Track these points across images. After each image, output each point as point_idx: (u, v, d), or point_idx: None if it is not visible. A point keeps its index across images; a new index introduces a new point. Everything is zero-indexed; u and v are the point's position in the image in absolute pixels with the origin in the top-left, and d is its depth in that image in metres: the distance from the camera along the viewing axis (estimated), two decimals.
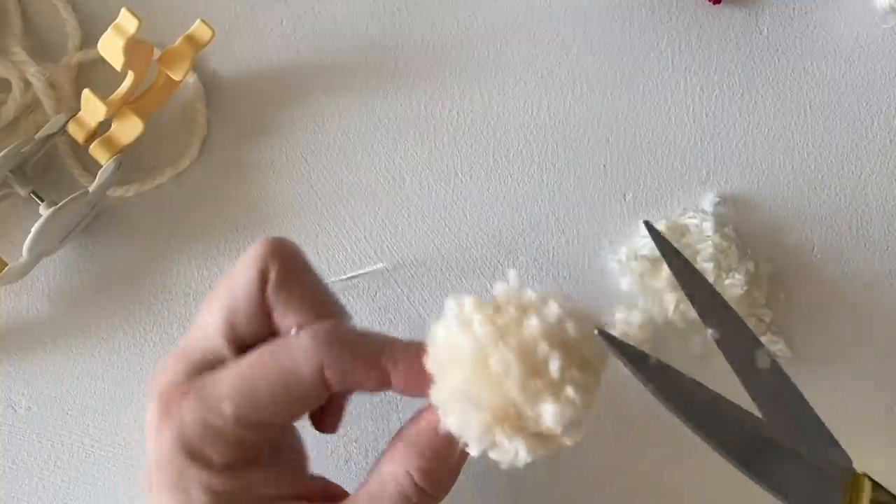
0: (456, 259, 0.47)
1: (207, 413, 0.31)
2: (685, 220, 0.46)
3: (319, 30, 0.49)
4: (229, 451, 0.32)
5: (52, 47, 0.48)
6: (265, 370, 0.32)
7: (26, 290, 0.46)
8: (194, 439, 0.31)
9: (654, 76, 0.49)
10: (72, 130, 0.46)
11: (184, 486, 0.31)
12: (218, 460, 0.31)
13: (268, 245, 0.34)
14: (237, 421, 0.31)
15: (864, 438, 0.46)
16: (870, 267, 0.47)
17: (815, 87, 0.49)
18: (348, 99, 0.48)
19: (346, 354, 0.32)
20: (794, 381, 0.46)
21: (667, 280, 0.45)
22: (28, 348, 0.46)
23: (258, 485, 0.32)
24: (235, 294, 0.34)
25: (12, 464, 0.45)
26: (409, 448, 0.33)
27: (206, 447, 0.31)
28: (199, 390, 0.32)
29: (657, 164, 0.48)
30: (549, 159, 0.48)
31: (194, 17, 0.45)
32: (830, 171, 0.48)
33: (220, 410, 0.31)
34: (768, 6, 0.49)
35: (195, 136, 0.48)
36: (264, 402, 0.32)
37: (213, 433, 0.31)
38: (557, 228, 0.47)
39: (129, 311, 0.46)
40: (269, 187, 0.48)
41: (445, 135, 0.48)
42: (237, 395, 0.31)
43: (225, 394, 0.31)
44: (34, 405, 0.46)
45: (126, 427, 0.45)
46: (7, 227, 0.47)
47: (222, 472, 0.31)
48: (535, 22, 0.49)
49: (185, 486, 0.31)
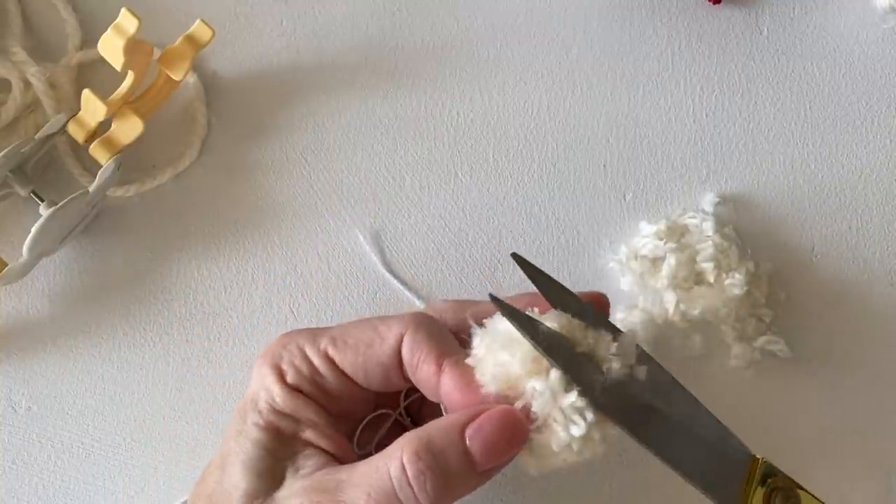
0: (456, 259, 0.47)
1: (308, 343, 0.37)
2: (685, 220, 0.46)
3: (319, 30, 0.49)
4: (304, 377, 0.36)
5: (52, 47, 0.48)
6: (365, 324, 0.37)
7: (26, 290, 0.46)
8: (285, 358, 0.37)
9: (654, 76, 0.49)
10: (72, 130, 0.46)
11: (256, 395, 0.36)
12: (290, 379, 0.36)
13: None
14: (326, 357, 0.36)
15: (864, 438, 0.46)
16: (870, 267, 0.47)
17: (815, 87, 0.49)
18: (348, 99, 0.48)
19: (423, 337, 0.35)
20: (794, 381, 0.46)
21: (667, 280, 0.45)
22: (28, 348, 0.46)
23: (305, 422, 0.36)
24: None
25: (12, 464, 0.45)
26: (414, 439, 0.33)
27: (288, 367, 0.36)
28: (314, 330, 0.37)
29: (657, 164, 0.48)
30: (549, 159, 0.48)
31: (194, 17, 0.45)
32: (830, 171, 0.48)
33: (320, 345, 0.36)
34: (768, 6, 0.50)
35: (195, 136, 0.48)
36: (351, 347, 0.36)
37: (302, 359, 0.36)
38: (557, 228, 0.47)
39: (129, 311, 0.46)
40: (269, 187, 0.48)
41: (445, 135, 0.48)
42: (336, 336, 0.37)
43: (329, 334, 0.37)
44: (34, 405, 0.46)
45: (126, 427, 0.45)
46: (7, 227, 0.47)
47: (287, 390, 0.36)
48: (535, 22, 0.49)
49: (256, 395, 0.36)
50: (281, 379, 0.36)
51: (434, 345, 0.35)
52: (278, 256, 0.47)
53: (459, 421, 0.33)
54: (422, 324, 0.36)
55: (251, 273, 0.47)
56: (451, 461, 0.33)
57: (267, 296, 0.47)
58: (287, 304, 0.46)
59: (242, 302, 0.47)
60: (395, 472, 0.33)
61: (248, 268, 0.47)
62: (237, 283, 0.47)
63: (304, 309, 0.46)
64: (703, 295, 0.45)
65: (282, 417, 0.36)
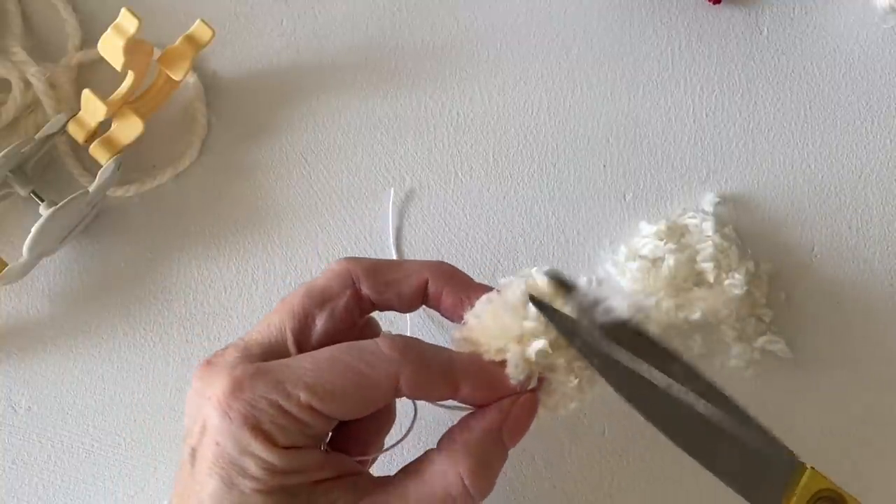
0: (456, 259, 0.47)
1: (281, 397, 0.33)
2: (685, 220, 0.46)
3: (319, 30, 0.49)
4: (295, 434, 0.33)
5: (52, 47, 0.48)
6: (344, 369, 0.34)
7: (26, 290, 0.46)
8: (264, 418, 0.33)
9: (654, 76, 0.49)
10: (72, 130, 0.46)
11: (241, 462, 0.33)
12: (283, 441, 0.33)
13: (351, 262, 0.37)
14: (310, 409, 0.33)
15: (864, 438, 0.46)
16: (870, 267, 0.47)
17: (815, 87, 0.49)
18: (348, 99, 0.48)
19: (422, 367, 0.34)
20: (794, 381, 0.46)
21: (667, 280, 0.45)
22: (28, 348, 0.46)
23: (314, 468, 0.34)
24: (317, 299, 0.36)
25: (12, 464, 0.45)
26: (464, 451, 0.35)
27: (273, 428, 0.33)
28: (274, 373, 0.33)
29: (657, 164, 0.48)
30: (549, 159, 0.48)
31: (194, 17, 0.45)
32: (830, 171, 0.48)
33: (295, 396, 0.33)
34: (768, 6, 0.50)
35: (195, 136, 0.48)
36: (338, 397, 0.33)
37: (284, 416, 0.33)
38: (557, 228, 0.47)
39: (129, 311, 0.46)
40: (269, 187, 0.48)
41: (445, 135, 0.48)
42: (314, 385, 0.33)
43: (302, 382, 0.33)
44: (34, 405, 0.46)
45: (126, 427, 0.45)
46: (7, 227, 0.47)
47: (284, 451, 0.33)
48: (535, 22, 0.49)
49: (242, 462, 0.33)
50: (269, 441, 0.33)
51: (434, 367, 0.34)
52: (278, 256, 0.47)
53: (496, 423, 0.35)
54: (410, 355, 0.34)
55: (251, 273, 0.47)
56: (496, 463, 0.35)
57: (267, 296, 0.47)
58: None
59: (242, 302, 0.47)
60: (456, 489, 0.34)
61: (248, 268, 0.47)
62: (237, 283, 0.47)
63: None
64: (703, 295, 0.45)
65: (286, 476, 0.33)
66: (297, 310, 0.36)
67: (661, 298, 0.45)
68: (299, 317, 0.36)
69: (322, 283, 0.37)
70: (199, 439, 0.33)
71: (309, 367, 0.33)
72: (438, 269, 0.38)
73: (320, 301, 0.36)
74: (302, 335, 0.36)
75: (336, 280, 0.37)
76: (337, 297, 0.36)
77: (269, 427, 0.33)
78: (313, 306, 0.36)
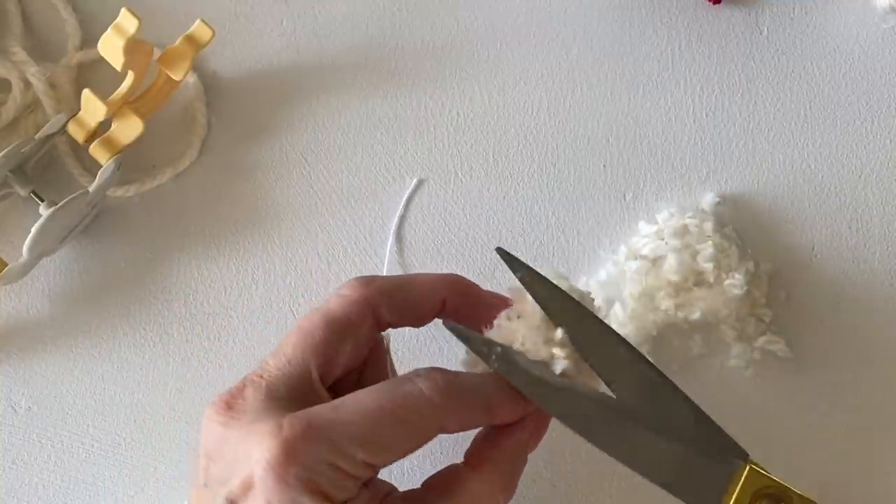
0: (456, 259, 0.47)
1: (337, 457, 0.32)
2: (685, 220, 0.46)
3: (319, 30, 0.49)
4: (350, 487, 0.33)
5: (52, 47, 0.48)
6: (394, 421, 0.33)
7: (26, 290, 0.46)
8: (322, 480, 0.32)
9: (654, 76, 0.49)
10: (72, 130, 0.46)
11: None
12: (340, 497, 0.32)
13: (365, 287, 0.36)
14: (366, 465, 0.33)
15: (865, 439, 0.46)
16: (870, 267, 0.47)
17: (815, 87, 0.49)
18: (348, 99, 0.48)
19: (465, 406, 0.35)
20: (794, 381, 0.46)
21: (666, 280, 0.45)
22: (28, 348, 0.46)
23: None
24: (338, 331, 0.35)
25: (12, 464, 0.45)
26: (498, 471, 0.36)
27: (332, 487, 0.32)
28: (327, 432, 0.32)
29: (657, 164, 0.48)
30: (549, 159, 0.48)
31: (194, 17, 0.45)
32: (830, 171, 0.48)
33: (352, 456, 0.32)
34: (768, 6, 0.49)
35: (195, 136, 0.48)
36: (391, 450, 0.33)
37: (340, 474, 0.32)
38: (557, 228, 0.47)
39: (129, 311, 0.46)
40: (269, 187, 0.48)
41: (445, 135, 0.48)
42: (369, 443, 0.33)
43: (356, 440, 0.32)
44: (34, 405, 0.46)
45: (126, 427, 0.45)
46: (7, 227, 0.47)
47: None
48: (535, 22, 0.49)
49: None
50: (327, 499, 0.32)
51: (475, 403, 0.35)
52: (278, 256, 0.47)
53: (525, 439, 0.37)
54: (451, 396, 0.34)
55: (251, 273, 0.47)
56: (520, 475, 0.37)
57: (267, 296, 0.47)
58: (287, 304, 0.46)
59: (242, 302, 0.47)
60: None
61: (248, 268, 0.47)
62: (237, 283, 0.47)
63: (303, 309, 0.46)
64: (702, 295, 0.45)
65: None
66: (320, 345, 0.35)
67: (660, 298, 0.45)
68: (322, 352, 0.35)
69: (341, 313, 0.36)
70: (243, 494, 0.32)
71: (359, 422, 0.33)
72: (454, 287, 0.38)
73: (341, 333, 0.36)
74: (326, 371, 0.35)
75: (355, 308, 0.36)
76: (358, 327, 0.36)
77: (327, 487, 0.32)
78: (336, 340, 0.35)
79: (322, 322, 0.35)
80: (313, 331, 0.35)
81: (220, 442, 0.33)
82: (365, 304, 0.36)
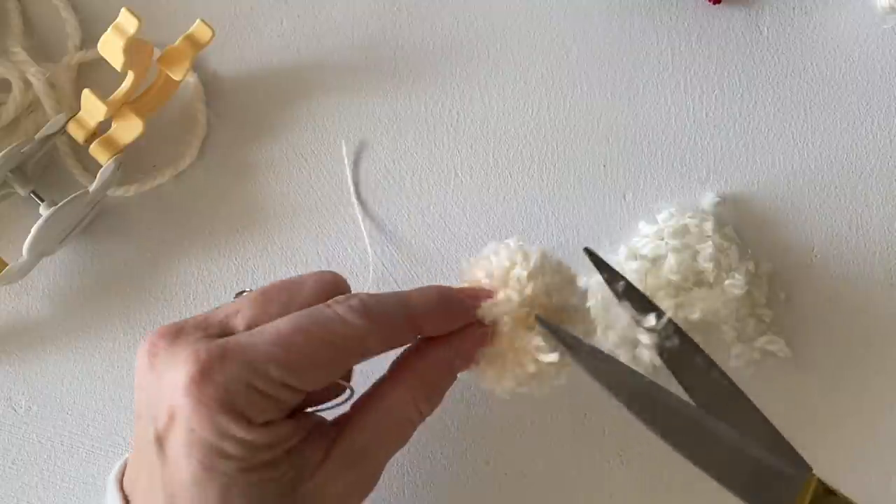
0: (456, 259, 0.47)
1: (253, 376, 0.32)
2: (685, 220, 0.46)
3: (319, 30, 0.49)
4: (271, 410, 0.33)
5: (52, 47, 0.48)
6: (308, 339, 0.33)
7: (26, 290, 0.46)
8: (239, 400, 0.32)
9: (654, 76, 0.49)
10: (72, 130, 0.46)
11: (220, 445, 0.32)
12: (260, 419, 0.33)
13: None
14: (283, 386, 0.33)
15: (864, 438, 0.46)
16: (870, 267, 0.47)
17: (815, 87, 0.49)
18: (348, 99, 0.48)
19: (387, 326, 0.35)
20: (795, 381, 0.46)
21: (666, 280, 0.45)
22: (28, 348, 0.46)
23: (289, 436, 0.34)
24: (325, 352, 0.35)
25: (12, 464, 0.45)
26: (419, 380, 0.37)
27: (250, 408, 0.33)
28: (243, 352, 0.33)
29: (657, 165, 0.48)
30: (549, 159, 0.48)
31: (194, 17, 0.45)
32: (830, 171, 0.48)
33: (266, 374, 0.33)
34: (768, 6, 0.49)
35: (195, 136, 0.48)
36: (310, 371, 0.34)
37: (259, 395, 0.33)
38: (557, 228, 0.47)
39: (129, 311, 0.46)
40: (269, 187, 0.48)
41: (445, 135, 0.48)
42: (285, 362, 0.33)
43: (272, 359, 0.33)
44: (34, 405, 0.46)
45: (126, 427, 0.45)
46: (7, 227, 0.47)
47: (261, 428, 0.33)
48: (535, 22, 0.49)
49: (221, 445, 0.32)
50: (247, 421, 0.32)
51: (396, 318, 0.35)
52: (278, 256, 0.47)
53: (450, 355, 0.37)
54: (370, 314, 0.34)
55: (251, 273, 0.47)
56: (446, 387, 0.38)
57: None
58: None
59: None
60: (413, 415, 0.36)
61: (248, 268, 0.47)
62: (237, 283, 0.47)
63: None
64: (702, 295, 0.45)
65: (267, 450, 0.33)
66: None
67: (661, 298, 0.45)
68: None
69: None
70: (168, 426, 0.33)
71: (275, 342, 0.33)
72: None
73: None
74: None
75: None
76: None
77: (244, 408, 0.32)
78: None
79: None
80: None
81: (146, 376, 0.34)
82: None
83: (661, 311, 0.38)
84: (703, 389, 0.37)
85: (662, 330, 0.38)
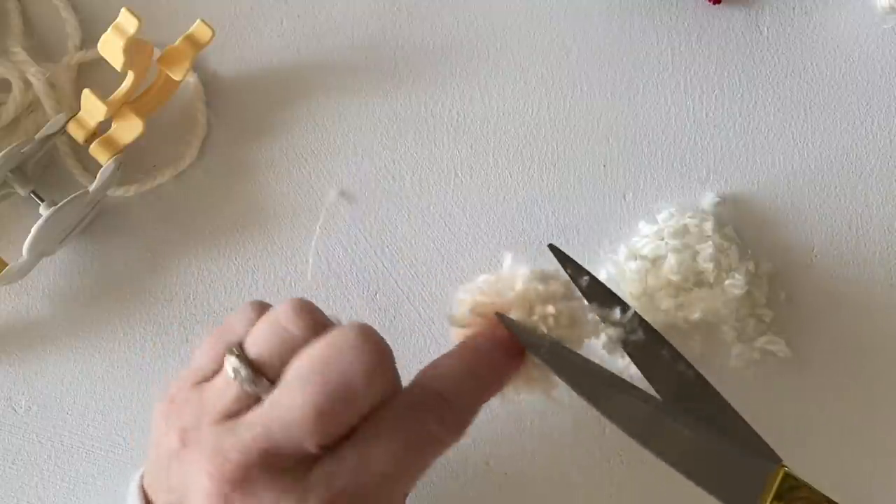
0: (456, 259, 0.47)
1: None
2: (685, 220, 0.46)
3: (319, 30, 0.49)
4: None
5: (52, 47, 0.48)
6: (406, 468, 0.33)
7: (26, 290, 0.46)
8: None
9: (654, 76, 0.49)
10: (72, 130, 0.46)
11: None
12: None
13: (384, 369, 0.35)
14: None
15: (864, 438, 0.46)
16: (870, 267, 0.47)
17: (815, 87, 0.49)
18: (348, 99, 0.48)
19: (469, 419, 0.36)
20: (794, 380, 0.46)
21: (666, 280, 0.45)
22: (28, 348, 0.46)
23: None
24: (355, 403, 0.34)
25: (12, 464, 0.45)
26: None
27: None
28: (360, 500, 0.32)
29: (657, 165, 0.48)
30: (549, 159, 0.48)
31: (194, 17, 0.45)
32: (830, 171, 0.48)
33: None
34: (768, 6, 0.50)
35: (195, 136, 0.48)
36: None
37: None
38: (557, 228, 0.47)
39: (129, 311, 0.46)
40: (269, 187, 0.48)
41: (445, 135, 0.48)
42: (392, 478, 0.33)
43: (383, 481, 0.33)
44: (34, 405, 0.46)
45: (126, 427, 0.45)
46: (7, 227, 0.47)
47: None
48: (535, 22, 0.49)
49: None
50: None
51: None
52: (278, 256, 0.47)
53: None
54: None
55: (251, 273, 0.47)
56: None
57: (267, 296, 0.46)
58: None
59: (242, 302, 0.46)
60: None
61: (248, 268, 0.47)
62: (237, 283, 0.47)
63: None
64: (702, 295, 0.45)
65: None
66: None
67: (661, 298, 0.45)
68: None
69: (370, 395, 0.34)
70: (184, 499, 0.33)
71: (386, 476, 0.32)
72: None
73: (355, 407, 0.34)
74: None
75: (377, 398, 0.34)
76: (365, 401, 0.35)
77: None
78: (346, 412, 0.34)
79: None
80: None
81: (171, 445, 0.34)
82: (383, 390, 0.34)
83: (625, 305, 0.38)
84: (670, 382, 0.37)
85: (628, 323, 0.38)
